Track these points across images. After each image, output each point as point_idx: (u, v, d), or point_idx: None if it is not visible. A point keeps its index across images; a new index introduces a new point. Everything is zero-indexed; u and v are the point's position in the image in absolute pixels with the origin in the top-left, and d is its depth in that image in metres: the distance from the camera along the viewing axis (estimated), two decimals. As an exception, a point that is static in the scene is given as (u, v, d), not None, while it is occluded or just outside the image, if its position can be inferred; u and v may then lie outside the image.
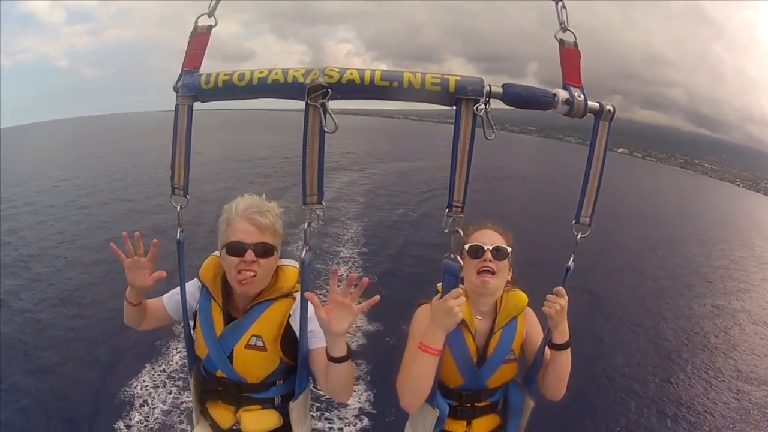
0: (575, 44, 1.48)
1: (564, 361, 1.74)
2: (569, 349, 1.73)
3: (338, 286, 1.53)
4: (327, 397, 6.03)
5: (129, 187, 22.07)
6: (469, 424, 1.94)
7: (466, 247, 1.84)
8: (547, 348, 1.77)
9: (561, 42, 1.49)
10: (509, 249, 1.85)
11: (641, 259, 17.17)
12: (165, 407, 6.67)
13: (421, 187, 25.10)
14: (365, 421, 6.27)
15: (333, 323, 1.48)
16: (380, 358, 7.02)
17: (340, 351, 1.56)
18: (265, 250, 1.67)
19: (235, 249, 1.65)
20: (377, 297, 1.50)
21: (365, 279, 1.48)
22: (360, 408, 6.48)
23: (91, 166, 29.96)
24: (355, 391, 6.50)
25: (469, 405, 1.91)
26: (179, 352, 7.58)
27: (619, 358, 9.26)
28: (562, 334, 1.70)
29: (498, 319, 1.89)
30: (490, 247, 1.81)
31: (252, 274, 1.67)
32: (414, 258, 13.38)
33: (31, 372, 7.34)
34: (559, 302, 1.65)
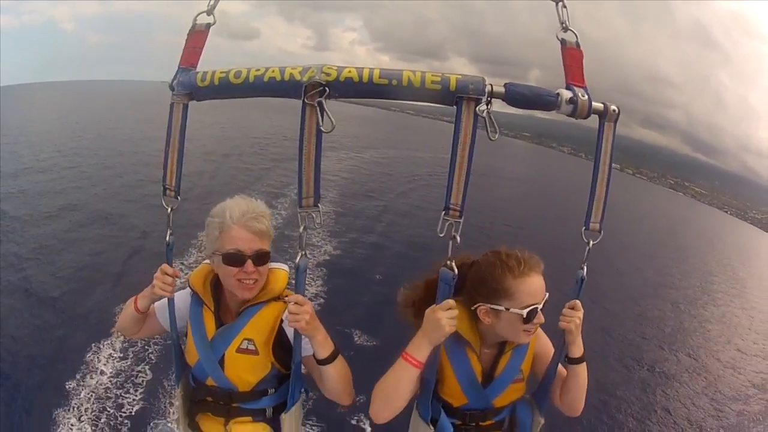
0: (577, 44, 1.47)
1: (582, 374, 1.65)
2: (585, 362, 1.65)
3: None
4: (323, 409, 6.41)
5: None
6: None
7: (521, 311, 1.53)
8: (560, 365, 1.69)
9: (563, 42, 1.47)
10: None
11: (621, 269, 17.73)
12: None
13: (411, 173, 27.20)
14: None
15: (292, 324, 1.50)
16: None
17: (322, 352, 1.58)
18: (263, 258, 1.66)
19: (235, 259, 1.62)
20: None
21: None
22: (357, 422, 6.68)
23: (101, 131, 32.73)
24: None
25: (474, 424, 1.78)
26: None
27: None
28: (578, 348, 1.62)
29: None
30: (542, 304, 1.55)
31: (252, 282, 1.66)
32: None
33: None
34: (577, 316, 1.58)
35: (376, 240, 15.35)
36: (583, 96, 1.40)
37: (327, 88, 1.32)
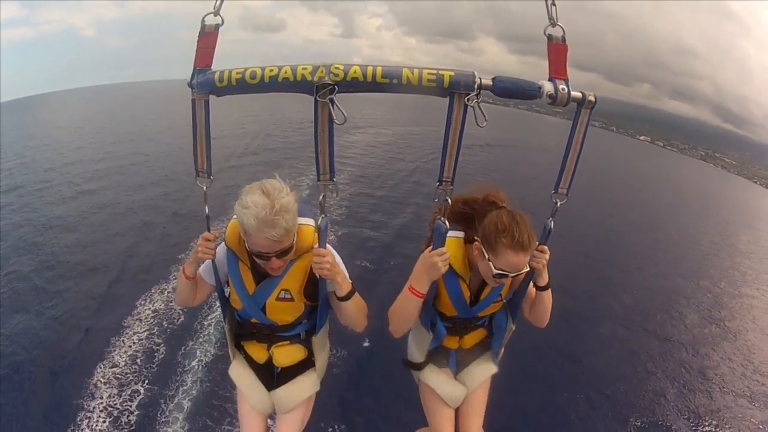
0: (563, 39, 1.60)
1: (546, 298, 2.14)
2: (550, 289, 2.12)
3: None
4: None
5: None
6: (461, 338, 2.38)
7: (494, 269, 1.91)
8: (533, 289, 2.15)
9: (549, 37, 1.60)
10: (527, 269, 1.97)
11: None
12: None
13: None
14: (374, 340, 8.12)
15: (316, 271, 1.85)
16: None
17: (341, 291, 1.94)
18: (285, 253, 1.85)
19: (260, 256, 1.84)
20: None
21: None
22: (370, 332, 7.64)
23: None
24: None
25: (462, 327, 2.33)
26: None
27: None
28: (544, 279, 2.08)
29: None
30: (513, 274, 1.94)
31: (278, 268, 1.91)
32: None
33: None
34: (544, 257, 1.98)
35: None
36: (563, 89, 1.57)
37: (336, 87, 1.51)
